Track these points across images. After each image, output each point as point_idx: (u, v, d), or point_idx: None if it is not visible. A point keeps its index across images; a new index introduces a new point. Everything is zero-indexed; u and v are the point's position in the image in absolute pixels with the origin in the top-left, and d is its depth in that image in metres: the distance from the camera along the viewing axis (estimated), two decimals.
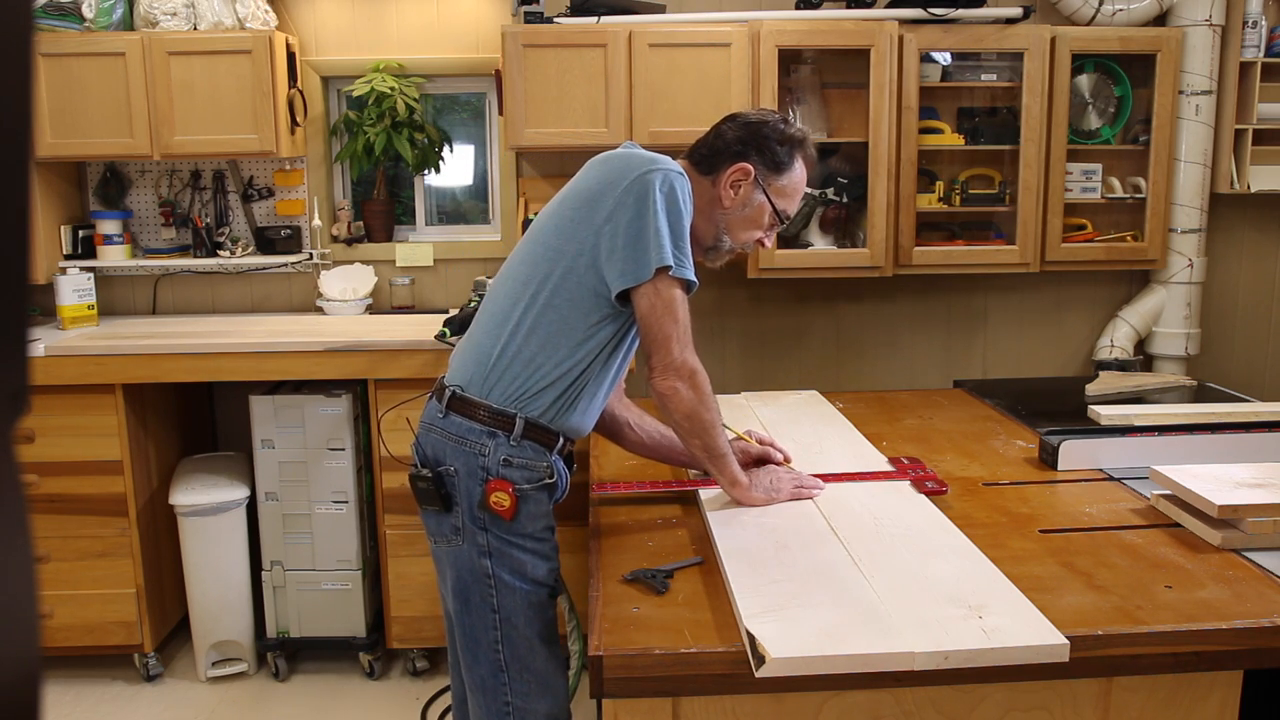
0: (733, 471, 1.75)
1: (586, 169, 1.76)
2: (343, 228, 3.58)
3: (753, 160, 1.76)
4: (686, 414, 1.68)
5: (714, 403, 1.71)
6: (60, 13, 3.17)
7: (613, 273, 1.63)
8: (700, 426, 1.69)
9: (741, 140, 1.77)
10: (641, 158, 1.69)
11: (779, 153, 1.76)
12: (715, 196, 1.77)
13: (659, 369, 1.68)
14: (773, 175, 1.77)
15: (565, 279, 1.67)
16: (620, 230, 1.63)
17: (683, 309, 1.66)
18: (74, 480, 2.94)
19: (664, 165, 1.67)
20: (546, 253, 1.70)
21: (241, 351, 2.91)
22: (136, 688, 3.07)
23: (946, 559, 1.52)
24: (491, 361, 1.69)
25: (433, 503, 1.70)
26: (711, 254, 1.83)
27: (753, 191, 1.77)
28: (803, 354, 3.67)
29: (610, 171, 1.69)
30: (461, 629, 1.73)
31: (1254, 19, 3.29)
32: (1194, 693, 1.38)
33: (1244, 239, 3.64)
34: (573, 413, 1.70)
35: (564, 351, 1.67)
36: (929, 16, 3.15)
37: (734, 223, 1.79)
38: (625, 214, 1.63)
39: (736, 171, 1.76)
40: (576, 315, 1.66)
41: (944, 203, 3.32)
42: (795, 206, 1.84)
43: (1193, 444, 2.04)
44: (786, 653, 1.23)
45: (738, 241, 1.81)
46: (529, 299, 1.69)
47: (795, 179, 1.80)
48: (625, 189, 1.64)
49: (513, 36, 3.05)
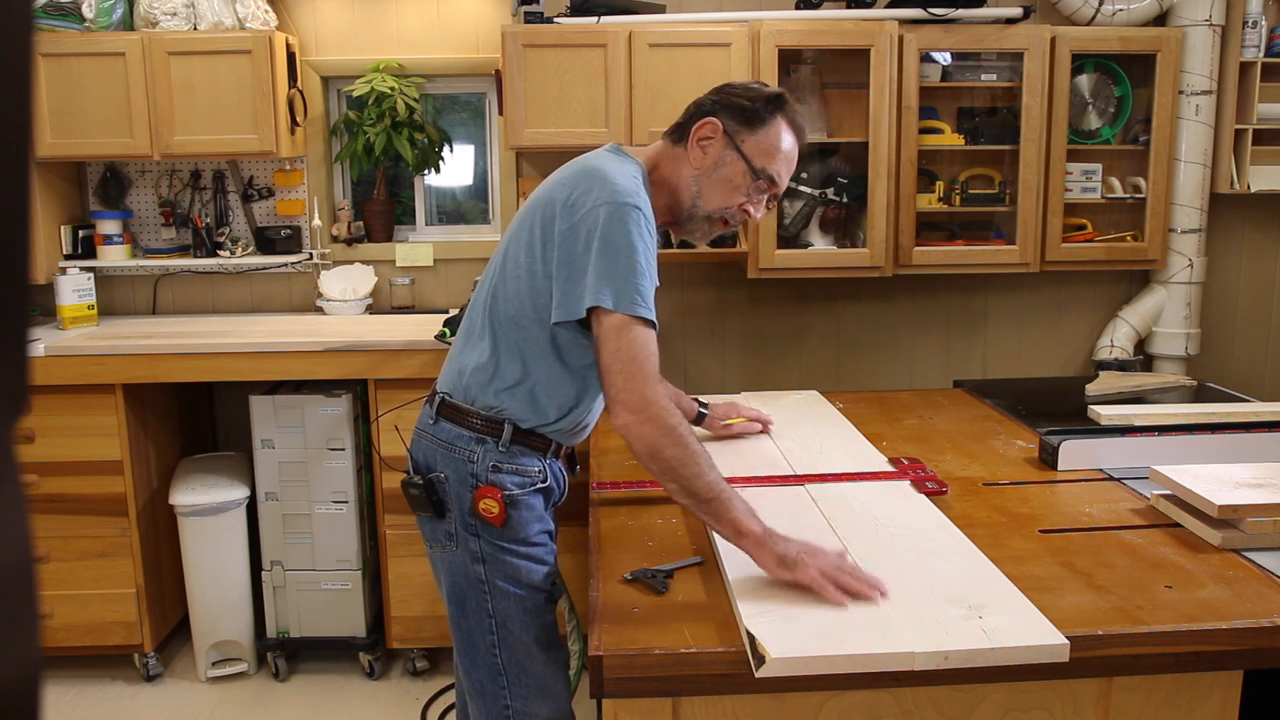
0: (733, 518, 1.45)
1: (557, 176, 1.68)
2: (343, 228, 3.58)
3: (720, 115, 1.67)
4: (649, 453, 1.48)
5: (684, 438, 1.48)
6: (60, 13, 3.17)
7: (553, 304, 1.59)
8: (668, 467, 1.47)
9: (710, 100, 1.70)
10: (602, 185, 1.57)
11: (749, 107, 1.66)
12: (687, 159, 1.69)
13: (609, 404, 1.54)
14: (744, 130, 1.66)
15: (520, 293, 1.63)
16: (564, 261, 1.57)
17: (629, 339, 1.51)
18: (74, 480, 2.94)
19: (619, 197, 1.55)
20: (505, 263, 1.68)
21: (241, 351, 2.91)
22: (136, 688, 3.07)
23: (946, 559, 1.52)
24: (469, 369, 1.68)
25: (425, 509, 1.69)
26: (690, 225, 1.73)
27: (724, 149, 1.67)
28: (803, 354, 3.67)
29: (572, 193, 1.59)
30: (458, 634, 1.72)
31: (1254, 19, 3.29)
32: (1194, 693, 1.38)
33: (1244, 239, 3.64)
34: (559, 419, 1.68)
35: (531, 361, 1.64)
36: (929, 16, 3.15)
37: (707, 185, 1.68)
38: (571, 245, 1.56)
39: (703, 127, 1.67)
40: (535, 326, 1.63)
41: (944, 203, 3.32)
42: (780, 167, 1.69)
43: (1193, 444, 2.04)
44: (786, 653, 1.23)
45: (713, 206, 1.69)
46: (493, 307, 1.67)
47: (773, 136, 1.67)
48: (580, 219, 1.56)
49: (513, 36, 3.05)
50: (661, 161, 1.72)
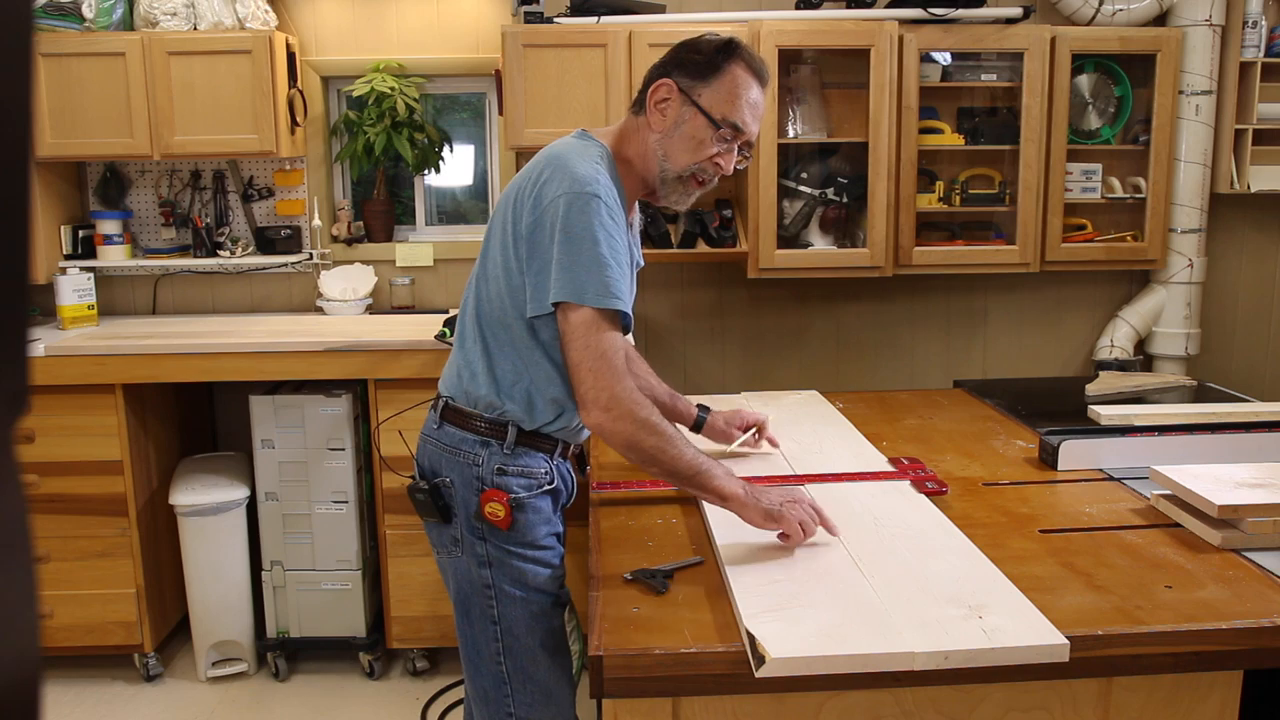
0: (717, 486, 1.55)
1: (524, 168, 1.67)
2: (343, 228, 3.58)
3: (674, 74, 1.64)
4: (626, 446, 1.53)
5: (657, 426, 1.53)
6: (60, 13, 3.17)
7: (527, 299, 1.59)
8: (648, 456, 1.53)
9: (662, 62, 1.68)
10: (562, 175, 1.56)
11: (699, 60, 1.63)
12: (649, 125, 1.66)
13: (580, 403, 1.56)
14: (699, 84, 1.63)
15: (500, 293, 1.63)
16: (533, 255, 1.57)
17: (597, 337, 1.51)
18: (74, 480, 2.94)
19: (578, 186, 1.54)
20: (486, 263, 1.68)
21: (241, 351, 2.91)
22: (136, 688, 3.07)
23: (946, 559, 1.52)
24: (468, 373, 1.67)
25: (431, 514, 1.69)
26: (665, 190, 1.69)
27: (681, 106, 1.63)
28: (803, 354, 3.67)
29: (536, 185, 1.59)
30: (463, 640, 1.72)
31: (1254, 19, 3.29)
32: (1194, 693, 1.38)
33: (1244, 239, 3.64)
34: (556, 417, 1.67)
35: (523, 360, 1.64)
36: (929, 16, 3.15)
37: (671, 146, 1.64)
38: (538, 238, 1.56)
39: (659, 89, 1.64)
40: (519, 324, 1.63)
41: (944, 203, 3.32)
42: (742, 113, 1.64)
43: (1193, 444, 2.04)
44: (786, 653, 1.23)
45: (680, 166, 1.65)
46: (479, 309, 1.67)
47: (729, 83, 1.63)
48: (543, 211, 1.55)
49: (513, 36, 3.05)
50: (628, 136, 1.70)
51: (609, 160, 1.65)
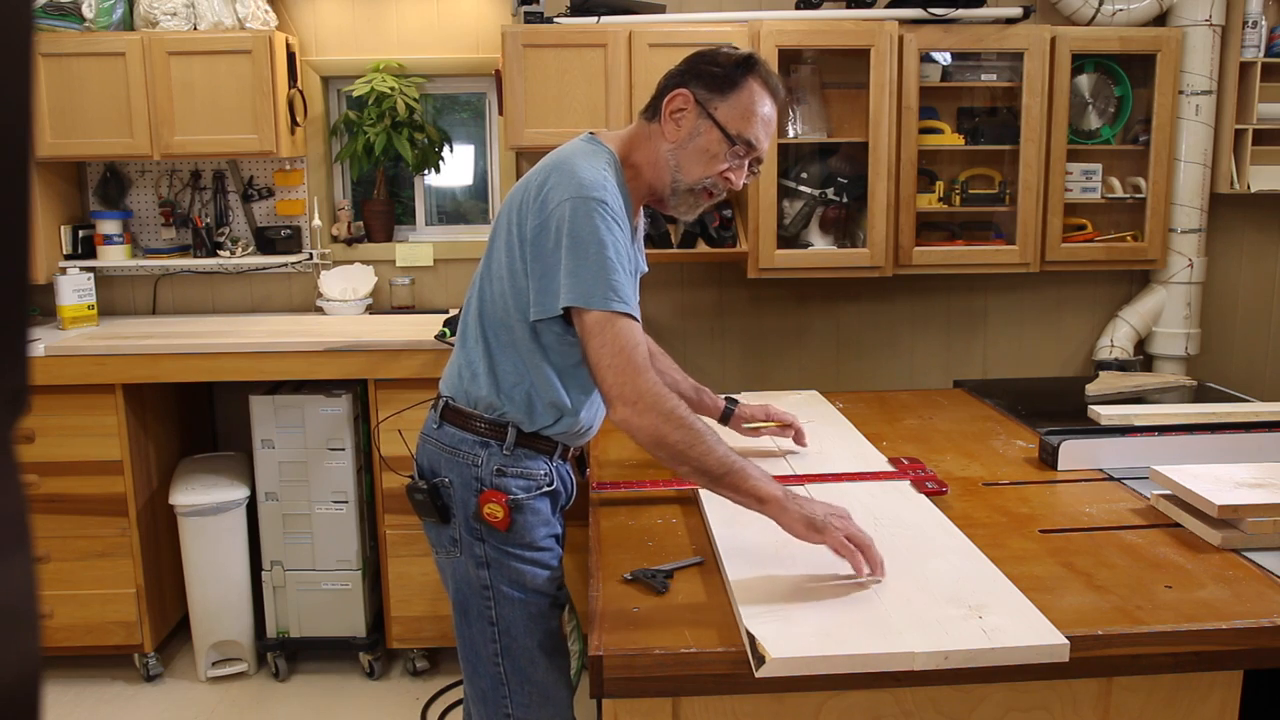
0: (752, 486, 1.46)
1: (530, 172, 1.67)
2: (343, 228, 3.58)
3: (690, 85, 1.63)
4: (653, 442, 1.49)
5: (685, 420, 1.49)
6: (60, 13, 3.17)
7: (530, 302, 1.59)
8: (675, 451, 1.48)
9: (679, 72, 1.66)
10: (568, 180, 1.56)
11: (718, 73, 1.62)
12: (662, 134, 1.66)
13: (605, 401, 1.54)
14: (715, 97, 1.62)
15: (504, 294, 1.63)
16: (537, 259, 1.57)
17: (614, 333, 1.50)
18: (74, 480, 2.94)
19: (584, 191, 1.54)
20: (490, 265, 1.67)
21: (241, 351, 2.91)
22: (136, 688, 3.07)
23: (946, 559, 1.52)
24: (469, 372, 1.67)
25: (430, 514, 1.69)
26: (674, 200, 1.68)
27: (697, 118, 1.63)
28: (803, 354, 3.67)
29: (541, 189, 1.59)
30: (461, 641, 1.72)
31: (1254, 19, 3.29)
32: (1194, 693, 1.38)
33: (1244, 239, 3.64)
34: (558, 420, 1.67)
35: (524, 362, 1.63)
36: (929, 16, 3.15)
37: (684, 158, 1.64)
38: (543, 242, 1.56)
39: (675, 99, 1.63)
40: (521, 327, 1.62)
41: (944, 203, 3.32)
42: (757, 130, 1.64)
43: (1193, 444, 2.04)
44: (786, 653, 1.23)
45: (692, 178, 1.64)
46: (481, 310, 1.67)
47: (746, 99, 1.62)
48: (549, 215, 1.55)
49: (513, 36, 3.05)
50: (638, 142, 1.69)
51: (616, 166, 1.65)
